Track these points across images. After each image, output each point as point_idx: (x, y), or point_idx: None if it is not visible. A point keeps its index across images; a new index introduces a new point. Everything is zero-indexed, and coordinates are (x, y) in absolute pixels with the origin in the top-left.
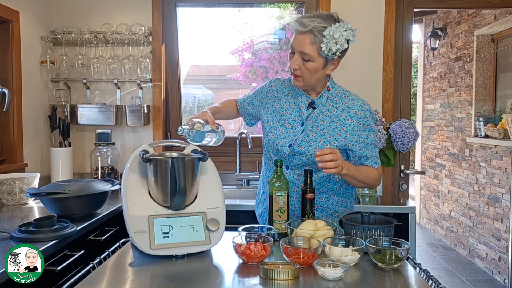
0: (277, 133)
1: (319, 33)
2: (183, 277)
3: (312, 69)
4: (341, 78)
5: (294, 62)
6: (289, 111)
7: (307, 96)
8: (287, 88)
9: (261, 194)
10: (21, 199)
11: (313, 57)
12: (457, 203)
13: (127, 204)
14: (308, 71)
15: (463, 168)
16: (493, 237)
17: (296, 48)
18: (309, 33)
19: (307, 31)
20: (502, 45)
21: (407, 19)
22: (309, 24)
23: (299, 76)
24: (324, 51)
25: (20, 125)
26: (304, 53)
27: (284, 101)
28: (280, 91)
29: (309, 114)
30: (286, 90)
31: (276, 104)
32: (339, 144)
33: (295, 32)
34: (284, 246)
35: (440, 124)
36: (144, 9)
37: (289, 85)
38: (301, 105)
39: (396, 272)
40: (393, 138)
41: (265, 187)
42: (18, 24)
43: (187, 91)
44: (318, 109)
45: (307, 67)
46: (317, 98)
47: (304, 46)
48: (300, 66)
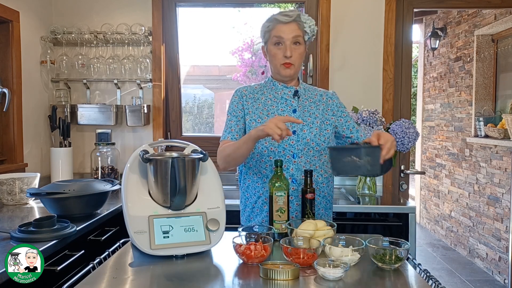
0: None
1: (300, 20)
2: (183, 277)
3: (302, 53)
4: (341, 78)
5: (288, 49)
6: (274, 104)
7: (288, 87)
8: (259, 89)
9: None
10: (21, 199)
11: (302, 41)
12: (457, 203)
13: (127, 204)
14: (299, 56)
15: (463, 168)
16: (493, 237)
17: (287, 36)
18: (294, 22)
19: (292, 20)
20: (502, 45)
21: (407, 19)
22: (292, 14)
23: (291, 64)
24: (308, 33)
25: (20, 125)
26: (296, 36)
27: (263, 99)
28: (255, 93)
29: (298, 102)
30: (259, 90)
31: (257, 103)
32: (331, 122)
33: (278, 25)
34: (284, 246)
35: (440, 124)
36: (144, 9)
37: (258, 87)
38: (286, 96)
39: (396, 272)
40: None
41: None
42: (18, 24)
43: (187, 91)
44: (302, 96)
45: (298, 52)
46: (298, 88)
47: (296, 31)
48: (293, 54)
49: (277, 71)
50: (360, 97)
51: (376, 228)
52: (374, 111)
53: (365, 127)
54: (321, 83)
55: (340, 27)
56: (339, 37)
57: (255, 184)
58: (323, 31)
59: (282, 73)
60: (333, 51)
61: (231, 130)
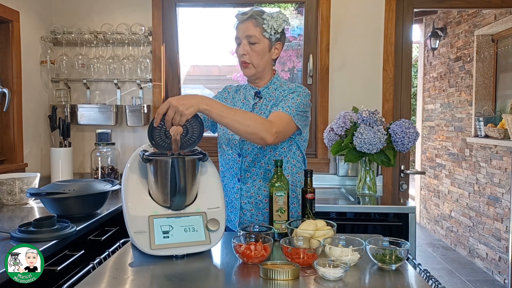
0: None
1: (259, 17)
2: (183, 277)
3: (260, 51)
4: (341, 78)
5: (242, 48)
6: (238, 105)
7: (253, 88)
8: (238, 89)
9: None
10: (21, 199)
11: (259, 39)
12: (457, 203)
13: (127, 204)
14: (256, 54)
15: (463, 168)
16: (493, 237)
17: (241, 35)
18: (251, 18)
19: (248, 17)
20: (502, 45)
21: (407, 19)
22: (248, 12)
23: (248, 64)
24: (267, 30)
25: (20, 125)
26: (250, 36)
27: (237, 98)
28: (233, 92)
29: (255, 103)
30: (238, 90)
31: (229, 102)
32: None
33: (237, 24)
34: (284, 246)
35: (440, 124)
36: (144, 9)
37: (239, 87)
38: (248, 97)
39: (396, 272)
40: (393, 138)
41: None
42: (18, 24)
43: (187, 91)
44: (265, 97)
45: (255, 50)
46: (262, 88)
47: (249, 29)
48: (248, 51)
49: (241, 70)
50: (360, 97)
51: (376, 228)
52: (374, 111)
53: (365, 127)
54: (321, 83)
55: (340, 27)
56: (339, 37)
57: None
58: (323, 31)
59: (243, 72)
60: (333, 51)
61: None
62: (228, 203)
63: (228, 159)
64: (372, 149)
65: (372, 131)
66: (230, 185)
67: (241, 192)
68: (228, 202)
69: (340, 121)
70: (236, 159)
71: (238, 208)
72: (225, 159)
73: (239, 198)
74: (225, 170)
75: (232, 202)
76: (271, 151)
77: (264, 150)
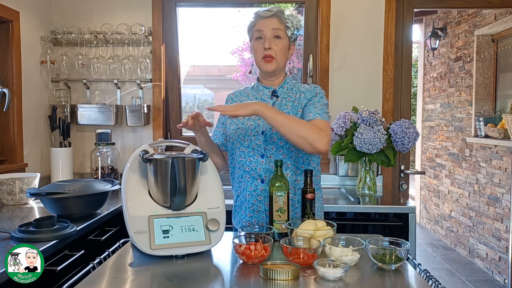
0: (246, 127)
1: (282, 15)
2: (183, 277)
3: (283, 47)
4: (341, 78)
5: (267, 42)
6: None
7: (268, 88)
8: (246, 92)
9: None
10: (21, 199)
11: (283, 34)
12: (457, 203)
13: (127, 204)
14: (280, 50)
15: (463, 168)
16: (493, 237)
17: (267, 29)
18: (275, 16)
19: (273, 14)
20: (502, 45)
21: (407, 19)
22: (273, 9)
23: (272, 58)
24: (290, 28)
25: (20, 125)
26: (276, 29)
27: (246, 100)
28: (240, 96)
29: (273, 102)
30: (245, 93)
31: None
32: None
33: (260, 20)
34: (284, 246)
35: (440, 124)
36: (144, 9)
37: (246, 90)
38: (264, 97)
39: (396, 272)
40: (393, 138)
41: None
42: (18, 24)
43: (187, 91)
44: (281, 96)
45: (279, 46)
46: (278, 88)
47: (276, 24)
48: (272, 46)
49: (259, 67)
50: (360, 97)
51: (376, 228)
52: (374, 111)
53: (365, 127)
54: (321, 83)
55: (340, 27)
56: (339, 37)
57: (234, 183)
58: (323, 31)
59: (263, 68)
60: (333, 51)
61: (215, 137)
62: (246, 206)
63: (249, 161)
64: (372, 149)
65: (372, 131)
66: (251, 187)
67: (264, 193)
68: (246, 205)
69: (340, 121)
70: (259, 160)
71: (262, 211)
72: (246, 161)
73: (263, 201)
74: (244, 173)
75: (253, 205)
76: (296, 152)
77: (291, 151)
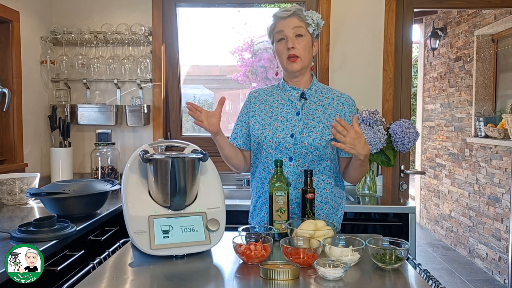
0: (274, 128)
1: (301, 13)
2: (183, 277)
3: (306, 45)
4: (341, 78)
5: (290, 42)
6: (280, 106)
7: (296, 89)
8: (270, 90)
9: (258, 198)
10: (21, 199)
11: (305, 32)
12: (457, 203)
13: (127, 204)
14: (303, 48)
15: (463, 168)
16: (493, 237)
17: (288, 29)
18: (294, 15)
19: (292, 13)
20: (502, 45)
21: (407, 19)
22: (291, 8)
23: (297, 57)
24: (311, 25)
25: (20, 125)
26: (297, 27)
27: (271, 100)
28: (264, 95)
29: (303, 104)
30: (270, 92)
31: (264, 105)
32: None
33: (279, 21)
34: (284, 246)
35: (440, 124)
36: (144, 9)
37: (270, 88)
38: (292, 98)
39: (396, 272)
40: (393, 138)
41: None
42: (18, 24)
43: (187, 91)
44: (310, 99)
45: (302, 44)
46: (307, 89)
47: (296, 23)
48: (296, 45)
49: (284, 68)
50: (360, 97)
51: (376, 228)
52: (374, 111)
53: (364, 127)
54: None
55: (340, 27)
56: (339, 37)
57: (256, 184)
58: (323, 31)
59: (289, 68)
60: (333, 51)
61: (236, 136)
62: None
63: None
64: (372, 149)
65: (372, 131)
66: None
67: (290, 197)
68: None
69: None
70: (287, 164)
71: None
72: (272, 163)
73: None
74: (269, 175)
75: (259, 205)
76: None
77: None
